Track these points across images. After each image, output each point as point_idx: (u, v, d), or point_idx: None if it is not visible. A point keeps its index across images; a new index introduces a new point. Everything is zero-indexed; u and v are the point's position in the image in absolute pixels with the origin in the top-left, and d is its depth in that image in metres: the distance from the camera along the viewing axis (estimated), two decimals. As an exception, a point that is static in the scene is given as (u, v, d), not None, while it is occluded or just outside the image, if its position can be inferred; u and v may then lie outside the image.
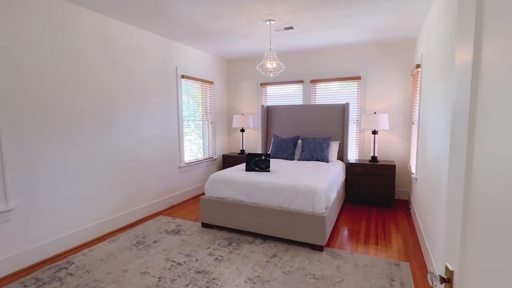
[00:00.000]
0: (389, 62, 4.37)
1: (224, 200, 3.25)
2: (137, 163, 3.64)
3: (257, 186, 3.09)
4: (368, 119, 4.20)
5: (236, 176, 3.29)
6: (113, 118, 3.29)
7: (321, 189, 2.84)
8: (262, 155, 3.55)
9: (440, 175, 2.16)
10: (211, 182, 3.37)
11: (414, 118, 3.94)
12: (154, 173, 3.91)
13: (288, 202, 2.93)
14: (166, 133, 4.09)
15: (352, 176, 4.26)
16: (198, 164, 4.82)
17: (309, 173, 3.36)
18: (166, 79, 4.06)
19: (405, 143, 4.39)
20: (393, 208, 4.11)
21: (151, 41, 3.76)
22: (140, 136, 3.67)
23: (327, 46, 4.50)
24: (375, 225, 3.51)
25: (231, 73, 5.59)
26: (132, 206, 3.59)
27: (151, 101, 3.82)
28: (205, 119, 5.07)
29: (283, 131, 4.95)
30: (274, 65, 3.28)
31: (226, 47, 4.57)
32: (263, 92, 5.35)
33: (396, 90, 4.37)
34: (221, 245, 2.93)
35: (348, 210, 4.04)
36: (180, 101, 4.33)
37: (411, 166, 4.03)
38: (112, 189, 3.31)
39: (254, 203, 3.11)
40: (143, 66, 3.67)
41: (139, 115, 3.65)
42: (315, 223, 2.77)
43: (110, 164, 3.27)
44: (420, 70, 3.43)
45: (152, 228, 3.37)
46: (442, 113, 2.16)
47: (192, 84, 4.67)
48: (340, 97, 4.76)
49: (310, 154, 4.29)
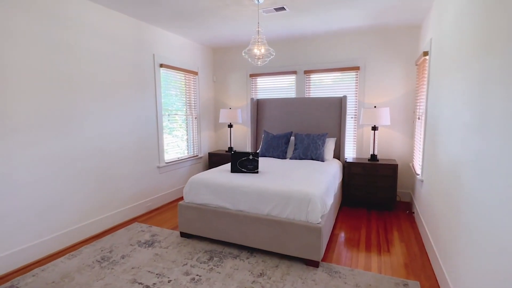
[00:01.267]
0: (391, 50, 3.97)
1: (205, 207, 2.82)
2: (107, 163, 3.18)
3: (243, 191, 2.67)
4: (368, 113, 3.81)
5: (219, 179, 2.86)
6: (76, 112, 2.81)
7: (316, 195, 2.43)
8: (249, 154, 3.13)
9: (459, 179, 1.77)
10: (190, 185, 2.93)
11: (419, 112, 3.56)
12: (128, 174, 3.46)
13: (278, 210, 2.52)
14: (142, 129, 3.63)
15: (350, 177, 3.87)
16: (181, 163, 4.38)
17: (302, 175, 2.96)
18: (142, 68, 3.58)
19: (407, 140, 4.02)
20: (394, 211, 3.75)
21: (123, 24, 3.27)
22: (111, 132, 3.21)
23: (322, 32, 4.07)
24: (376, 231, 3.13)
25: (218, 63, 5.12)
26: (101, 213, 3.14)
27: (124, 92, 3.35)
28: (189, 114, 4.62)
29: (274, 126, 4.53)
30: (263, 51, 2.84)
31: (211, 34, 4.10)
32: (253, 84, 4.91)
33: (398, 81, 3.98)
34: (200, 260, 2.51)
35: (346, 214, 3.66)
36: (158, 93, 3.86)
37: (414, 165, 3.66)
38: (75, 194, 2.85)
39: (239, 210, 2.70)
40: (114, 52, 3.19)
41: (110, 109, 3.18)
42: (310, 235, 2.37)
43: (72, 166, 2.80)
44: (427, 58, 3.03)
45: (123, 238, 2.93)
46: (465, 105, 1.76)
47: (173, 74, 4.20)
48: (337, 90, 4.35)
49: (303, 152, 3.89)
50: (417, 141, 3.68)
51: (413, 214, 3.55)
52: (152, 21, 3.54)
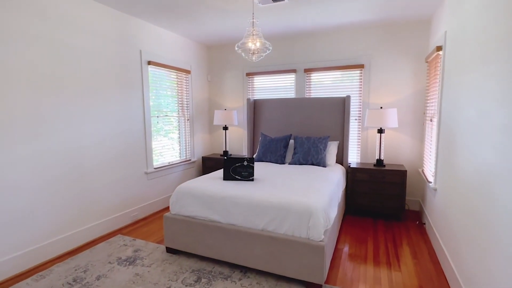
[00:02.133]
0: (398, 47, 3.67)
1: (193, 220, 2.51)
2: (87, 169, 2.87)
3: (235, 202, 2.36)
4: (373, 115, 3.51)
5: (208, 188, 2.55)
6: (50, 112, 2.51)
7: (319, 208, 2.12)
8: (244, 160, 2.82)
9: (492, 193, 1.47)
10: (177, 195, 2.62)
11: (429, 113, 3.26)
12: (111, 181, 3.15)
13: (275, 224, 2.21)
14: (128, 132, 3.33)
15: (354, 183, 3.56)
16: (172, 168, 4.07)
17: (302, 183, 2.65)
18: (127, 65, 3.28)
19: (416, 143, 3.71)
20: (403, 222, 3.44)
21: (105, 17, 2.98)
22: (91, 136, 2.90)
23: (324, 27, 3.78)
24: (384, 245, 2.82)
25: (212, 61, 4.82)
26: (79, 225, 2.83)
27: (107, 92, 3.05)
28: (181, 115, 4.31)
29: (272, 129, 4.22)
30: (258, 45, 2.54)
31: (204, 29, 3.81)
32: (250, 84, 4.61)
33: (406, 80, 3.68)
34: (186, 282, 2.20)
35: (350, 225, 3.35)
36: (146, 93, 3.56)
37: (425, 172, 3.35)
38: (48, 205, 2.54)
39: (231, 224, 2.38)
40: (95, 47, 2.89)
41: (90, 109, 2.87)
42: (311, 254, 2.06)
43: (45, 172, 2.50)
44: (441, 54, 2.73)
45: (102, 254, 2.62)
46: (497, 103, 1.46)
47: (163, 73, 3.90)
48: (340, 89, 4.05)
49: (303, 157, 3.58)
50: (427, 145, 3.37)
51: (424, 225, 3.24)
52: (138, 13, 3.24)
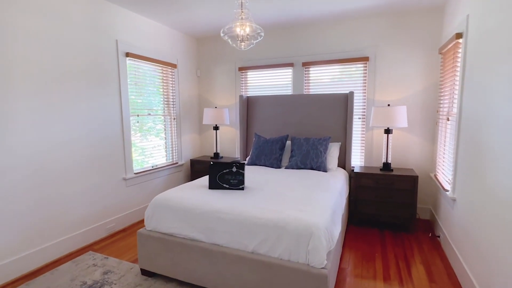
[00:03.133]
0: (407, 37, 3.29)
1: (171, 238, 2.12)
2: (52, 176, 2.47)
3: (220, 218, 1.97)
4: (380, 113, 3.12)
5: (189, 199, 2.16)
6: (2, 110, 2.11)
7: (320, 226, 1.74)
8: (233, 166, 2.43)
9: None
10: (153, 208, 2.23)
11: (443, 111, 2.88)
12: (82, 189, 2.74)
13: (268, 246, 1.83)
14: (102, 133, 2.92)
15: (358, 190, 3.19)
16: (156, 172, 3.67)
17: (301, 192, 2.27)
18: (100, 56, 2.87)
19: (427, 145, 3.33)
20: (413, 233, 3.06)
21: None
22: (57, 136, 2.50)
23: (324, 15, 3.38)
24: (395, 265, 2.44)
25: (202, 55, 4.42)
26: (42, 241, 2.43)
27: (76, 86, 2.64)
28: (166, 114, 3.91)
29: (267, 129, 3.83)
30: (248, 30, 2.14)
31: (191, 18, 3.40)
32: (243, 79, 4.21)
33: (416, 74, 3.30)
34: (159, 316, 1.81)
35: (354, 237, 2.97)
36: (124, 88, 3.15)
37: (438, 177, 2.97)
38: (2, 221, 2.14)
39: (215, 244, 1.99)
40: (61, 34, 2.48)
41: (55, 107, 2.47)
42: (311, 283, 1.68)
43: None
44: (462, 42, 2.35)
45: (64, 278, 2.22)
46: None
47: (144, 66, 3.49)
48: (341, 85, 3.66)
49: (302, 160, 3.20)
50: (440, 147, 3.00)
51: (439, 238, 2.87)
52: (113, -2, 2.83)
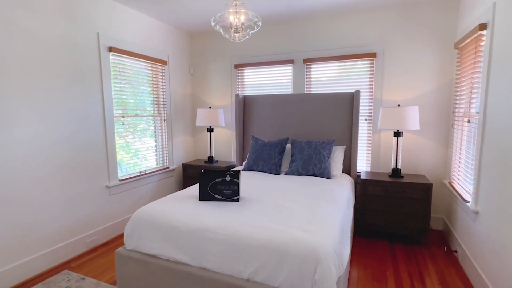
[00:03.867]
0: (418, 31, 3.01)
1: (154, 260, 1.82)
2: (21, 187, 2.17)
3: (210, 238, 1.68)
4: (389, 114, 2.84)
5: (174, 215, 1.86)
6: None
7: (329, 250, 1.45)
8: (226, 174, 2.14)
9: None
10: (134, 224, 1.93)
11: (459, 112, 2.60)
12: (59, 199, 2.44)
13: (267, 272, 1.53)
14: (81, 136, 2.62)
15: (364, 198, 2.90)
16: (144, 178, 3.36)
17: (303, 205, 1.98)
18: (78, 50, 2.57)
19: (440, 149, 3.06)
20: (426, 246, 2.78)
21: (43, -15, 2.27)
22: (27, 142, 2.19)
23: (327, 7, 3.10)
24: (410, 285, 2.16)
25: (195, 51, 4.12)
26: (8, 260, 2.12)
27: (50, 84, 2.34)
28: (156, 115, 3.61)
29: (265, 131, 3.54)
30: (243, 19, 1.85)
31: (183, 10, 3.11)
32: (239, 77, 3.92)
33: (428, 72, 3.02)
34: None
35: (362, 251, 2.68)
36: (108, 86, 2.85)
37: (454, 185, 2.69)
38: (-47, 239, 1.84)
39: (203, 268, 1.70)
40: (31, 25, 2.18)
41: (24, 108, 2.16)
42: (319, 321, 1.39)
43: None
44: (487, 33, 2.07)
45: (31, 305, 1.92)
46: None
47: (130, 62, 3.19)
48: (346, 84, 3.38)
49: (303, 165, 2.91)
50: (456, 151, 2.72)
51: (456, 253, 2.58)
52: (93, -15, 2.54)
